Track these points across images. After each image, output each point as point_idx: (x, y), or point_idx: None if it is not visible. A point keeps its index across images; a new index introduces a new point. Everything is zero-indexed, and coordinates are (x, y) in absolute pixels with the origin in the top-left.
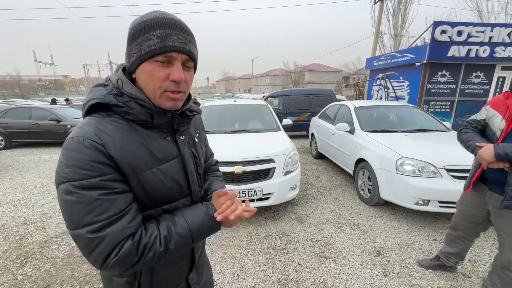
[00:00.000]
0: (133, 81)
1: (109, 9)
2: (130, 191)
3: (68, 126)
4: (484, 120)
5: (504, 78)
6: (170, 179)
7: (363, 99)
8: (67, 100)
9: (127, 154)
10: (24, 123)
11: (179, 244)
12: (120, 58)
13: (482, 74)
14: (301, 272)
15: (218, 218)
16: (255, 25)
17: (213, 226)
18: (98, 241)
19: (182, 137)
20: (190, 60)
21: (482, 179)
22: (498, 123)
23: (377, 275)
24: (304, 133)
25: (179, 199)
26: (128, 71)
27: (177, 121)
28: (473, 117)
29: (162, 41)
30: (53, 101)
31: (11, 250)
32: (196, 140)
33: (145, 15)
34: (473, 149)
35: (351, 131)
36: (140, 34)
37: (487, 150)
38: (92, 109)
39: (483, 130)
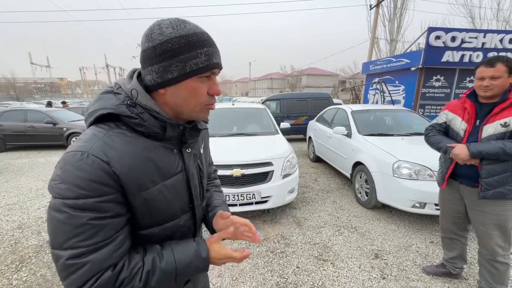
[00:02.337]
0: (147, 90)
1: (107, 12)
2: (125, 214)
3: (64, 129)
4: (445, 122)
5: None
6: (174, 194)
7: (359, 103)
8: (63, 102)
9: (134, 171)
10: (19, 126)
11: (160, 281)
12: (117, 61)
13: None
14: (300, 275)
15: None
16: (252, 29)
17: (201, 267)
18: (77, 267)
19: (189, 150)
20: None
21: (453, 175)
22: (459, 125)
23: (375, 277)
24: (301, 136)
25: (181, 215)
26: (156, 86)
27: (188, 133)
28: (434, 121)
29: (209, 59)
30: (49, 104)
31: (6, 254)
32: (202, 151)
33: (177, 26)
34: (445, 150)
35: (348, 135)
36: (185, 51)
37: (461, 149)
38: (100, 119)
39: (446, 132)
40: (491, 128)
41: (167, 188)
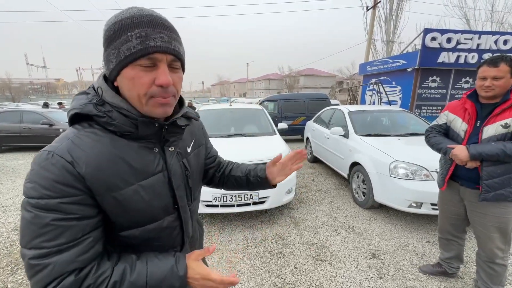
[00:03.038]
0: (116, 89)
1: (104, 12)
2: (94, 217)
3: (61, 130)
4: (446, 124)
5: None
6: (153, 195)
7: (356, 103)
8: (60, 103)
9: (102, 171)
10: (15, 127)
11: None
12: None
13: (471, 79)
14: (298, 275)
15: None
16: (250, 30)
17: (176, 286)
18: (41, 267)
19: (171, 148)
20: (177, 60)
21: (453, 177)
22: (460, 126)
23: (372, 277)
24: (299, 137)
25: (163, 217)
26: (110, 79)
27: (167, 131)
28: (434, 122)
29: (142, 42)
30: (45, 105)
31: (1, 257)
32: (189, 149)
33: (120, 13)
34: (445, 151)
35: (346, 135)
36: (117, 36)
37: (461, 151)
38: (74, 119)
39: (446, 133)
40: (491, 129)
41: (144, 188)
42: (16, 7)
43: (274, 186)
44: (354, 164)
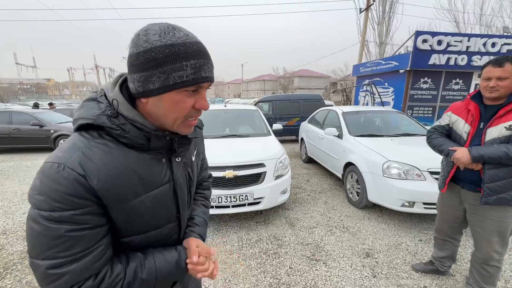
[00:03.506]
0: (131, 98)
1: (97, 11)
2: (105, 225)
3: (52, 131)
4: (448, 125)
5: None
6: (159, 205)
7: (350, 104)
8: (50, 104)
9: (113, 184)
10: (4, 128)
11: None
12: (106, 61)
13: (461, 81)
14: (293, 275)
15: (189, 266)
16: (244, 31)
17: (179, 275)
18: (57, 277)
19: (178, 159)
20: (210, 85)
21: (454, 179)
22: (462, 127)
23: (366, 276)
24: (294, 137)
25: (165, 225)
26: (138, 95)
27: (178, 142)
28: (437, 123)
29: (196, 72)
30: (35, 106)
31: None
32: (193, 158)
33: (165, 34)
34: (447, 153)
35: (340, 136)
36: (169, 62)
37: (463, 153)
38: (83, 127)
39: (448, 135)
40: (495, 131)
41: (151, 199)
42: (4, 4)
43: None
44: (348, 165)
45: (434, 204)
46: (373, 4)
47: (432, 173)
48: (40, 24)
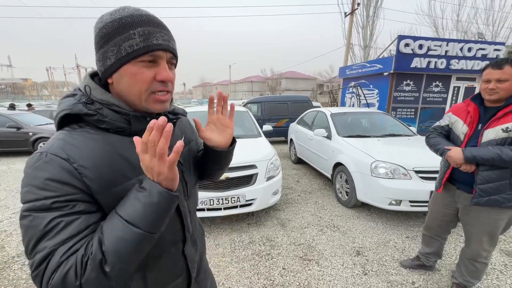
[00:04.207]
0: (105, 86)
1: (77, 10)
2: (94, 212)
3: (30, 133)
4: (448, 125)
5: (458, 87)
6: None
7: (337, 105)
8: (29, 105)
9: (99, 168)
10: None
11: (118, 240)
12: (88, 61)
13: (441, 83)
14: (286, 276)
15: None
16: (232, 32)
17: (162, 195)
18: (45, 265)
19: None
20: (174, 58)
21: (451, 180)
22: (460, 128)
23: (357, 274)
24: (282, 138)
25: None
26: (103, 76)
27: None
28: (437, 123)
29: (145, 39)
30: (12, 107)
31: None
32: (181, 142)
33: (116, 12)
34: (442, 152)
35: (328, 137)
36: (117, 33)
37: (457, 153)
38: (63, 122)
39: (447, 135)
40: (492, 133)
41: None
42: None
43: (229, 146)
44: (337, 165)
45: (419, 202)
46: (357, 8)
47: (417, 172)
48: (16, 21)
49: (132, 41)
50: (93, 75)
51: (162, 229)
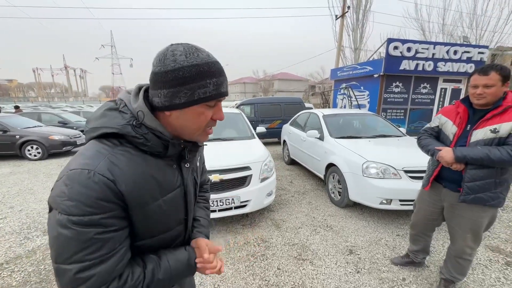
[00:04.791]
0: (151, 107)
1: (65, 10)
2: (126, 227)
3: (17, 136)
4: (438, 126)
5: (445, 89)
6: (171, 208)
7: (329, 107)
8: (16, 107)
9: (137, 189)
10: None
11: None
12: (77, 62)
13: (428, 85)
14: (281, 276)
15: (199, 265)
16: (224, 33)
17: (190, 274)
18: (85, 279)
19: (187, 165)
20: None
21: (438, 178)
22: (450, 128)
23: (350, 272)
24: (276, 139)
25: (174, 227)
26: (163, 108)
27: (188, 149)
28: (427, 125)
29: (217, 88)
30: None
31: None
32: (198, 164)
33: (189, 55)
34: (433, 153)
35: (321, 138)
36: (194, 80)
37: (447, 152)
38: (103, 135)
39: (437, 136)
40: (480, 133)
41: (166, 203)
42: None
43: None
44: (330, 165)
45: (409, 200)
46: (348, 11)
47: (407, 171)
48: (1, 21)
49: (207, 89)
50: (144, 93)
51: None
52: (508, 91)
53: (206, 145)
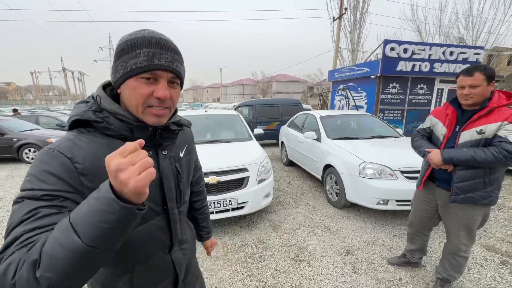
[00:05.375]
0: (117, 96)
1: (63, 12)
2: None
3: (15, 139)
4: (429, 127)
5: (442, 89)
6: None
7: (327, 108)
8: (15, 110)
9: (99, 169)
10: None
11: (56, 244)
12: (75, 65)
13: (425, 86)
14: (278, 277)
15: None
16: (222, 35)
17: (110, 203)
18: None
19: (165, 152)
20: (176, 78)
21: (431, 178)
22: (440, 129)
23: (347, 273)
24: (274, 141)
25: (153, 217)
26: (114, 86)
27: (160, 136)
28: (420, 126)
29: (148, 59)
30: None
31: None
32: (182, 154)
33: (134, 33)
34: (423, 154)
35: (318, 139)
36: (127, 51)
37: (435, 155)
38: (73, 126)
39: (430, 137)
40: (467, 135)
41: None
42: None
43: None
44: (327, 166)
45: (406, 201)
46: (345, 13)
47: (403, 172)
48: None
49: (137, 60)
50: (106, 86)
51: (111, 246)
52: (495, 91)
53: (180, 129)
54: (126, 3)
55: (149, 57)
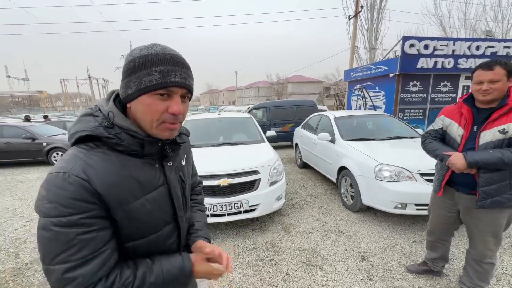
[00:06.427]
0: (124, 109)
1: (88, 24)
2: (110, 227)
3: (44, 144)
4: (442, 128)
5: (468, 86)
6: (157, 207)
7: (343, 109)
8: (45, 117)
9: (114, 188)
10: None
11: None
12: (99, 72)
13: (449, 83)
14: (289, 282)
15: (201, 269)
16: (238, 38)
17: (184, 280)
18: (69, 281)
19: (170, 163)
20: (188, 93)
21: (449, 182)
22: (456, 131)
23: (362, 279)
24: (288, 143)
25: (164, 227)
26: (123, 101)
27: (168, 148)
28: (430, 127)
29: (164, 77)
30: (27, 119)
31: None
32: (183, 163)
33: (145, 48)
34: (441, 158)
35: (332, 140)
36: (141, 68)
37: (459, 159)
38: (81, 140)
39: (442, 138)
40: (489, 135)
41: (149, 201)
42: None
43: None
44: (342, 169)
45: (426, 205)
46: (361, 11)
47: (422, 174)
48: (32, 37)
49: (152, 77)
50: (115, 98)
51: None
52: (510, 87)
53: (185, 142)
54: (144, 12)
55: (165, 74)
